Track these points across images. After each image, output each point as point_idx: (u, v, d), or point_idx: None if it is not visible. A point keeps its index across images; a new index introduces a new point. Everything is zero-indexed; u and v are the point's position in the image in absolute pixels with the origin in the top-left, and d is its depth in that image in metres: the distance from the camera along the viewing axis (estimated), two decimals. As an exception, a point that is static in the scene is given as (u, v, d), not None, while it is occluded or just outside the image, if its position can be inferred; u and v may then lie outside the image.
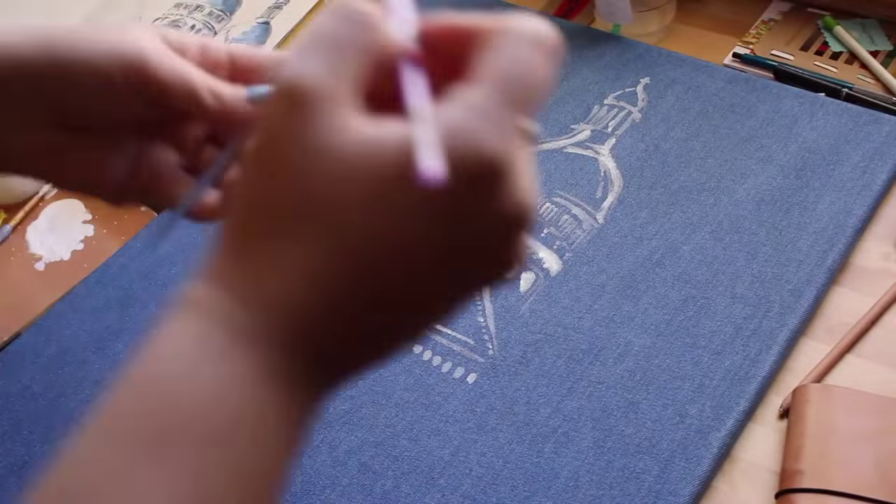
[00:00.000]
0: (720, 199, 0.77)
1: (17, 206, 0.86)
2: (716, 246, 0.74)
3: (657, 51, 0.89)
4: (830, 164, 0.78)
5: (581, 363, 0.68)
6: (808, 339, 0.69)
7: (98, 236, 0.83)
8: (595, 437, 0.64)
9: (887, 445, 0.60)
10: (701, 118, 0.83)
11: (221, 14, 0.97)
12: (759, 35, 0.91)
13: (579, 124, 0.84)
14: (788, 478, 0.60)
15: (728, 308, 0.70)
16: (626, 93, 0.86)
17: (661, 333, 0.69)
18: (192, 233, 0.80)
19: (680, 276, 0.72)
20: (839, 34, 0.89)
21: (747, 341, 0.68)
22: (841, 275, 0.72)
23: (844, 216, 0.74)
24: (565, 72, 0.89)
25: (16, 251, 0.82)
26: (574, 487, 0.62)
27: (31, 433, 0.69)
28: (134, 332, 0.74)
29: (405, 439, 0.65)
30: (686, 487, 0.61)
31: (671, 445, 0.63)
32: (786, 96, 0.83)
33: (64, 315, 0.76)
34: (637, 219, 0.76)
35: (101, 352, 0.73)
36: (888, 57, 0.87)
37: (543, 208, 0.78)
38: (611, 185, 0.79)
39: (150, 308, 0.76)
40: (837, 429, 0.61)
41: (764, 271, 0.71)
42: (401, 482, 0.63)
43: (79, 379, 0.72)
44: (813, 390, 0.63)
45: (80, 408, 0.70)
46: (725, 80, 0.86)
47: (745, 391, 0.65)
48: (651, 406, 0.65)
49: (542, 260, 0.75)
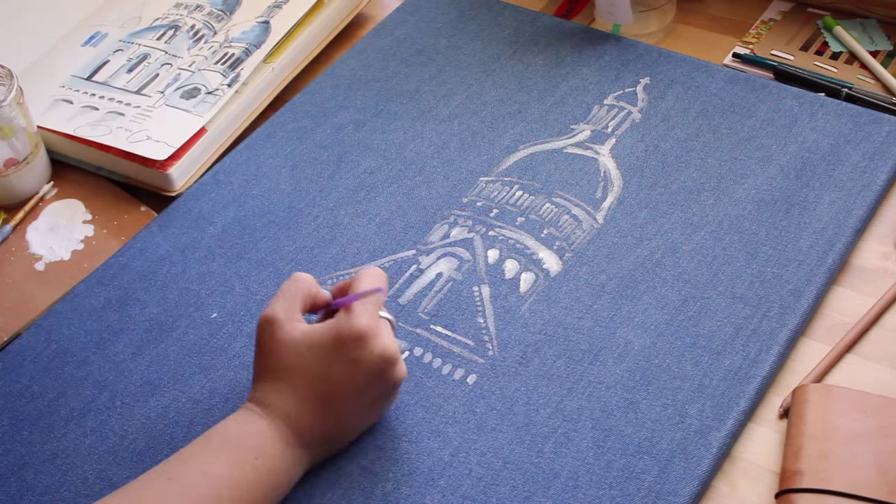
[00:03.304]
0: (720, 199, 0.77)
1: (17, 206, 0.86)
2: (716, 246, 0.74)
3: (657, 51, 0.89)
4: (830, 164, 0.78)
5: (581, 363, 0.68)
6: (808, 339, 0.69)
7: (98, 236, 0.83)
8: (595, 437, 0.64)
9: (887, 445, 0.60)
10: (701, 118, 0.83)
11: (221, 14, 0.97)
12: (759, 35, 0.91)
13: (579, 124, 0.84)
14: (788, 478, 0.60)
15: (728, 308, 0.70)
16: (626, 93, 0.86)
17: (660, 333, 0.69)
18: (191, 233, 0.80)
19: (680, 276, 0.72)
20: (839, 34, 0.89)
21: (747, 341, 0.68)
22: (841, 275, 0.72)
23: (844, 216, 0.74)
24: (565, 72, 0.89)
25: (16, 251, 0.82)
26: (574, 487, 0.62)
27: (31, 433, 0.69)
28: (134, 332, 0.74)
29: (405, 441, 0.65)
30: (686, 487, 0.61)
31: (671, 445, 0.63)
32: (786, 96, 0.83)
33: (64, 315, 0.76)
34: (637, 219, 0.76)
35: (101, 352, 0.73)
36: (888, 57, 0.87)
37: (543, 208, 0.78)
38: (611, 185, 0.79)
39: (150, 308, 0.76)
40: (837, 429, 0.61)
41: (764, 271, 0.71)
42: (401, 484, 0.63)
43: (79, 379, 0.72)
44: (813, 390, 0.63)
45: (80, 408, 0.70)
46: (725, 80, 0.86)
47: (745, 391, 0.65)
48: (651, 406, 0.65)
49: (542, 260, 0.75)
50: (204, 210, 0.82)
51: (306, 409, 0.61)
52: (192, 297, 0.76)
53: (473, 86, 0.90)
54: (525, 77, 0.89)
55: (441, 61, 0.92)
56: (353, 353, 0.60)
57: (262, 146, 0.87)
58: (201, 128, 0.86)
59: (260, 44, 0.92)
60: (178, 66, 0.92)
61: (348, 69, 0.93)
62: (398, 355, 0.62)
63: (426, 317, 0.72)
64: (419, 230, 0.78)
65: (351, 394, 0.61)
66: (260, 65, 0.91)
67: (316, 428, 0.61)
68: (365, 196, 0.81)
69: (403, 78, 0.91)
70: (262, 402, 0.61)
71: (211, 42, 0.94)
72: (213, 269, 0.78)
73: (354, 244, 0.78)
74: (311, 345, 0.61)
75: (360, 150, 0.85)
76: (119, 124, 0.86)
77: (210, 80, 0.90)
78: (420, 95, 0.89)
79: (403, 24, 0.97)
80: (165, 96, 0.89)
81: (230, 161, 0.86)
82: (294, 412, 0.61)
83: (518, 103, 0.87)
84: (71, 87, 0.91)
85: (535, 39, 0.93)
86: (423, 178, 0.82)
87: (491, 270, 0.74)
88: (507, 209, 0.78)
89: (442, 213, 0.79)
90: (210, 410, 0.68)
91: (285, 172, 0.84)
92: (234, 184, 0.84)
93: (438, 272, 0.75)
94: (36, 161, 0.86)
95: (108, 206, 0.85)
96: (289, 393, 0.61)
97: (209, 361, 0.71)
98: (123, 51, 0.95)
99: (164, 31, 0.96)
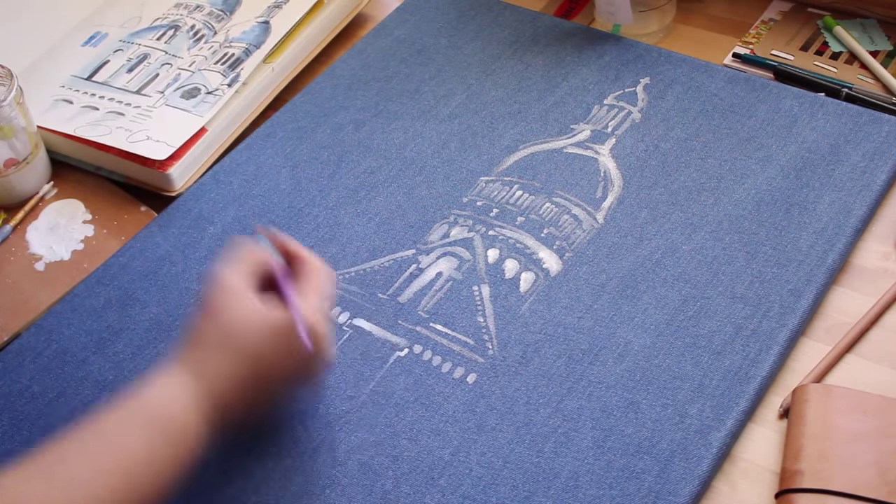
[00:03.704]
0: (720, 199, 0.77)
1: (17, 206, 0.86)
2: (716, 246, 0.74)
3: (657, 51, 0.89)
4: (830, 164, 0.78)
5: (581, 363, 0.68)
6: (808, 339, 0.69)
7: (98, 236, 0.83)
8: (595, 437, 0.64)
9: (887, 445, 0.60)
10: (701, 118, 0.83)
11: (221, 14, 0.97)
12: (759, 35, 0.91)
13: (579, 124, 0.84)
14: (788, 478, 0.60)
15: (728, 308, 0.70)
16: (626, 93, 0.86)
17: (660, 333, 0.69)
18: (191, 233, 0.80)
19: (680, 276, 0.72)
20: (839, 34, 0.89)
21: (747, 341, 0.68)
22: (841, 275, 0.72)
23: (844, 216, 0.74)
24: (565, 72, 0.89)
25: (16, 251, 0.82)
26: (574, 487, 0.62)
27: (31, 433, 0.69)
28: (134, 332, 0.74)
29: (405, 439, 0.65)
30: (686, 487, 0.61)
31: (671, 445, 0.63)
32: (786, 96, 0.83)
33: (64, 315, 0.76)
34: (637, 219, 0.76)
35: (101, 352, 0.73)
36: (888, 57, 0.87)
37: (543, 208, 0.78)
38: (611, 185, 0.79)
39: (150, 308, 0.76)
40: (837, 429, 0.61)
41: (764, 271, 0.71)
42: (401, 482, 0.63)
43: (79, 379, 0.72)
44: (813, 390, 0.63)
45: (80, 408, 0.70)
46: (725, 80, 0.86)
47: (745, 391, 0.65)
48: (651, 406, 0.65)
49: (542, 260, 0.75)
50: (204, 210, 0.82)
51: (237, 388, 0.60)
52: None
53: (473, 86, 0.90)
54: (525, 77, 0.89)
55: (441, 61, 0.93)
56: (303, 351, 0.61)
57: (262, 146, 0.87)
58: (201, 128, 0.86)
59: (260, 44, 0.92)
60: (178, 66, 0.92)
61: (348, 69, 0.93)
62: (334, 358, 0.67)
63: (426, 315, 0.72)
64: (419, 230, 0.78)
65: (281, 384, 0.63)
66: (260, 65, 0.91)
67: (238, 407, 0.61)
68: (365, 196, 0.81)
69: (403, 78, 0.91)
70: (191, 370, 0.60)
71: (211, 42, 0.94)
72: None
73: (354, 244, 0.78)
74: (267, 328, 0.60)
75: (360, 150, 0.85)
76: (119, 124, 0.86)
77: (210, 80, 0.90)
78: (420, 95, 0.89)
79: (403, 24, 0.97)
80: (165, 96, 0.89)
81: (230, 161, 0.86)
82: (225, 387, 0.60)
83: (518, 103, 0.87)
84: (71, 87, 0.92)
85: (535, 39, 0.93)
86: (423, 177, 0.82)
87: (491, 270, 0.74)
88: (507, 209, 0.78)
89: (442, 213, 0.79)
90: (210, 410, 0.68)
91: (285, 172, 0.84)
92: (234, 184, 0.84)
93: (438, 272, 0.75)
94: (36, 161, 0.86)
95: (108, 206, 0.85)
96: (226, 366, 0.60)
97: (209, 361, 0.71)
98: (123, 51, 0.95)
99: (164, 31, 0.96)
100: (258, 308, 0.61)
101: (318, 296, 0.63)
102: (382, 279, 0.75)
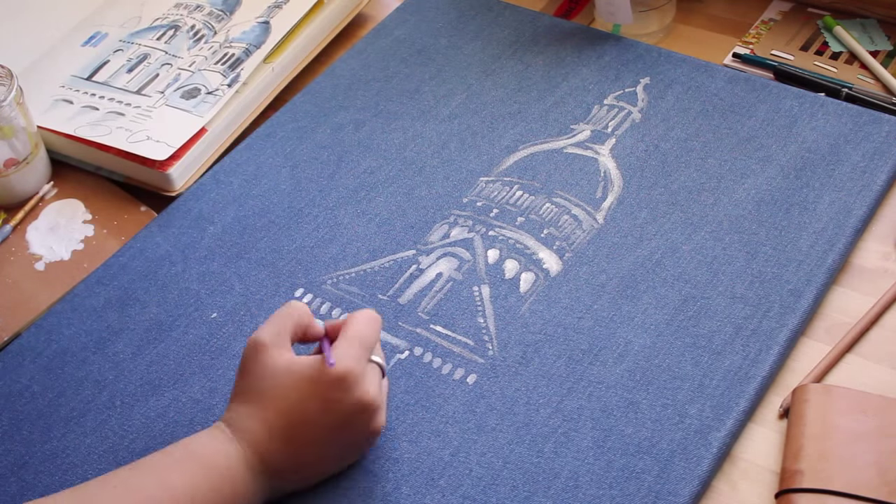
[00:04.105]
0: (720, 199, 0.77)
1: (17, 206, 0.86)
2: (716, 246, 0.74)
3: (657, 51, 0.89)
4: (830, 164, 0.78)
5: (581, 363, 0.68)
6: (808, 339, 0.69)
7: (98, 236, 0.83)
8: (595, 437, 0.64)
9: (887, 445, 0.60)
10: (701, 118, 0.83)
11: (221, 14, 0.97)
12: (759, 35, 0.91)
13: (579, 124, 0.84)
14: (788, 478, 0.60)
15: (728, 308, 0.70)
16: (626, 93, 0.86)
17: (660, 333, 0.69)
18: (191, 233, 0.80)
19: (680, 276, 0.72)
20: (839, 34, 0.89)
21: (747, 341, 0.68)
22: (841, 275, 0.72)
23: (844, 216, 0.74)
24: (565, 72, 0.89)
25: (16, 251, 0.82)
26: (574, 487, 0.62)
27: (31, 433, 0.69)
28: (134, 332, 0.74)
29: (405, 441, 0.65)
30: (686, 487, 0.61)
31: (671, 445, 0.63)
32: (786, 96, 0.83)
33: (64, 315, 0.76)
34: (637, 219, 0.76)
35: (101, 352, 0.73)
36: (888, 57, 0.87)
37: (543, 208, 0.78)
38: (611, 185, 0.79)
39: (149, 308, 0.76)
40: (837, 429, 0.61)
41: (764, 271, 0.71)
42: (401, 484, 0.63)
43: (79, 379, 0.72)
44: (813, 390, 0.63)
45: (80, 408, 0.70)
46: (725, 80, 0.86)
47: (745, 391, 0.65)
48: (651, 406, 0.65)
49: (542, 260, 0.75)
50: (204, 210, 0.82)
51: (276, 438, 0.60)
52: (191, 297, 0.76)
53: (473, 86, 0.90)
54: (525, 77, 0.89)
55: (441, 61, 0.92)
56: (330, 394, 0.60)
57: (262, 146, 0.87)
58: (201, 128, 0.86)
59: (260, 44, 0.92)
60: (178, 66, 0.92)
61: (348, 69, 0.93)
62: (379, 403, 0.61)
63: (426, 316, 0.72)
64: (419, 230, 0.78)
65: (323, 432, 0.61)
66: (260, 65, 0.91)
67: (283, 459, 0.61)
68: (365, 196, 0.81)
69: (403, 78, 0.91)
70: (232, 424, 0.61)
71: (211, 42, 0.94)
72: (213, 269, 0.78)
73: (354, 244, 0.78)
74: (292, 375, 0.60)
75: (360, 150, 0.85)
76: (119, 124, 0.86)
77: (210, 81, 0.90)
78: (420, 95, 0.89)
79: (403, 24, 0.97)
80: (165, 96, 0.89)
81: (230, 161, 0.86)
82: (263, 439, 0.60)
83: (518, 103, 0.87)
84: (71, 87, 0.91)
85: (535, 39, 0.93)
86: (423, 178, 0.82)
87: (491, 270, 0.74)
88: (507, 209, 0.78)
89: (442, 213, 0.79)
90: (210, 410, 0.68)
91: (285, 172, 0.84)
92: (234, 184, 0.84)
93: (438, 272, 0.75)
94: (36, 161, 0.86)
95: (108, 206, 0.85)
96: (260, 418, 0.60)
97: (209, 361, 0.71)
98: (123, 51, 0.95)
99: (164, 31, 0.96)
100: (285, 357, 0.61)
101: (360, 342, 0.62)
102: (383, 280, 0.75)
